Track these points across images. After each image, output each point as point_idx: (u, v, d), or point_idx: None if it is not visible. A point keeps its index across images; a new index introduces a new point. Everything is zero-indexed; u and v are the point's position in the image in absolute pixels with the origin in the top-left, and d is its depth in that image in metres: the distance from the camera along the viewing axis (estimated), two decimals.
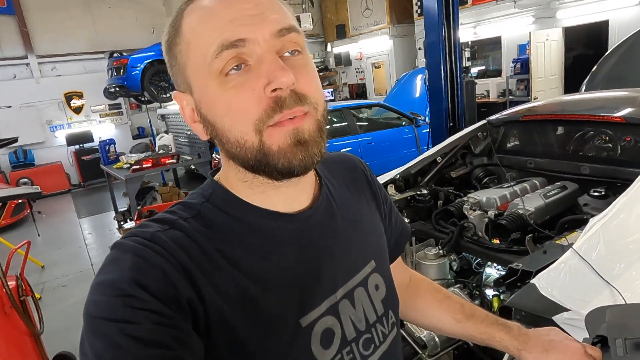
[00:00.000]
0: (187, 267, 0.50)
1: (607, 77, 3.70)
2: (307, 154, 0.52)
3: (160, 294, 0.46)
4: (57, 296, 4.12)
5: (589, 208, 1.87)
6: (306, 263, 0.58)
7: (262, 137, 0.51)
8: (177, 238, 0.52)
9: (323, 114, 0.55)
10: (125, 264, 0.48)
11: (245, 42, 0.50)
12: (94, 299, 0.47)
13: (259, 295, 0.53)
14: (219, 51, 0.50)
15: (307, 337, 0.55)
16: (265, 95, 0.50)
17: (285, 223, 0.58)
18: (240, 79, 0.51)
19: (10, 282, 2.33)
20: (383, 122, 6.40)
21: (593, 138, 2.38)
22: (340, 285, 0.61)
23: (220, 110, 0.52)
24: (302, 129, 0.52)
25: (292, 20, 0.54)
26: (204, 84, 0.52)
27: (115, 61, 7.62)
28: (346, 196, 0.69)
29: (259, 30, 0.51)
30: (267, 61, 0.50)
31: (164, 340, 0.44)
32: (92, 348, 0.44)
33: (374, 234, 0.72)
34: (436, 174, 2.54)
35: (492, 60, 9.30)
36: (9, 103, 9.04)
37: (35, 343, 2.46)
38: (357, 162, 0.78)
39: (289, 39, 0.53)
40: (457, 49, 3.81)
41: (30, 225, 6.27)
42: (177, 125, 5.97)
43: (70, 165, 9.67)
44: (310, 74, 0.54)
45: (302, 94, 0.52)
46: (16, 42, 9.32)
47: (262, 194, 0.57)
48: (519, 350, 0.74)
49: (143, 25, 10.57)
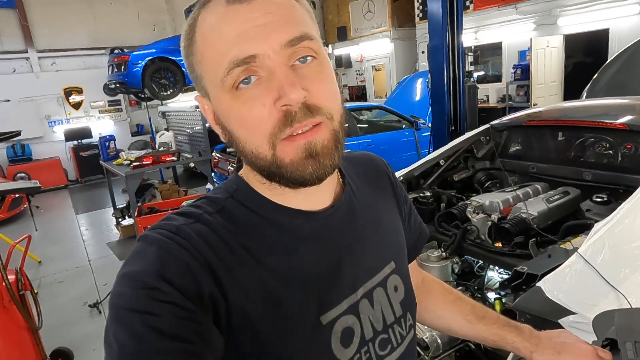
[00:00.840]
0: (211, 262, 0.50)
1: (608, 85, 3.72)
2: (319, 166, 0.52)
3: (184, 288, 0.47)
4: (54, 292, 4.10)
5: (591, 213, 1.88)
6: (327, 261, 0.58)
7: (276, 151, 0.51)
8: (202, 232, 0.52)
9: (340, 121, 0.55)
10: (151, 257, 0.48)
11: (255, 58, 0.49)
12: (119, 290, 0.47)
13: (280, 291, 0.53)
14: (230, 68, 0.49)
15: (327, 335, 0.56)
16: (276, 109, 0.50)
17: (308, 221, 0.59)
18: (252, 93, 0.50)
19: (10, 276, 2.32)
20: (383, 124, 6.40)
21: (594, 144, 2.40)
22: (360, 284, 0.61)
23: (234, 123, 0.53)
24: (315, 142, 0.51)
25: (303, 26, 0.52)
26: (218, 97, 0.53)
27: (117, 57, 7.60)
28: (368, 196, 0.70)
29: (268, 43, 0.49)
30: (278, 75, 0.49)
31: (185, 334, 0.45)
32: (116, 337, 0.44)
33: (394, 235, 0.72)
34: (439, 176, 2.55)
35: (492, 66, 9.33)
36: (8, 97, 9.01)
37: (34, 338, 2.45)
38: (380, 162, 0.78)
39: (302, 46, 0.51)
40: (461, 53, 3.83)
41: (27, 220, 6.24)
42: (177, 123, 5.96)
43: (68, 160, 9.64)
44: (324, 81, 0.53)
45: (314, 105, 0.51)
46: (16, 36, 9.30)
47: (281, 195, 0.58)
48: (530, 352, 0.75)
49: (144, 21, 10.56)
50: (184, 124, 5.69)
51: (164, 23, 10.96)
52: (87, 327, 3.36)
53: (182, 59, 0.59)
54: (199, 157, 5.18)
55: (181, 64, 7.60)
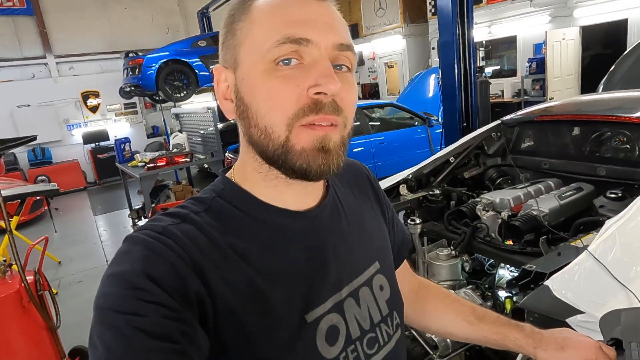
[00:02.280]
0: (197, 261, 0.50)
1: (625, 77, 3.63)
2: (327, 162, 0.53)
3: (169, 288, 0.47)
4: (73, 292, 4.20)
5: (605, 210, 1.84)
6: (312, 260, 0.59)
7: (290, 134, 0.52)
8: (188, 231, 0.52)
9: (349, 133, 0.57)
10: (136, 257, 0.49)
11: (308, 43, 0.52)
12: (105, 290, 0.47)
13: (266, 289, 0.54)
14: (281, 42, 0.51)
15: (312, 333, 0.56)
16: (306, 95, 0.51)
17: (294, 220, 0.60)
18: (289, 72, 0.52)
19: (28, 276, 2.39)
20: (396, 122, 6.36)
21: (610, 139, 2.34)
22: (345, 283, 0.62)
23: (260, 94, 0.53)
24: (330, 138, 0.53)
25: (351, 39, 0.57)
26: (253, 65, 0.53)
27: (131, 61, 7.72)
28: (351, 198, 0.71)
29: (324, 37, 0.53)
30: (321, 65, 0.52)
31: (171, 333, 0.45)
32: (101, 339, 0.45)
33: (378, 236, 0.73)
34: (449, 174, 2.53)
35: (507, 60, 9.18)
36: (28, 102, 9.23)
37: (52, 337, 2.52)
38: (362, 168, 0.79)
39: (345, 55, 0.55)
40: (472, 48, 3.78)
41: (48, 221, 6.40)
42: (190, 125, 6.03)
43: (87, 163, 9.84)
44: (351, 92, 0.56)
45: (340, 106, 0.53)
46: (35, 42, 9.53)
47: (274, 189, 0.58)
48: (534, 349, 0.74)
49: (158, 25, 10.70)
50: (197, 126, 5.75)
51: (177, 26, 11.09)
52: None
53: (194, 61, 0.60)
54: (212, 158, 5.23)
55: (194, 65, 7.69)
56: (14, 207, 3.10)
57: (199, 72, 7.76)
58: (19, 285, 2.32)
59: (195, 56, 7.80)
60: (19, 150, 8.88)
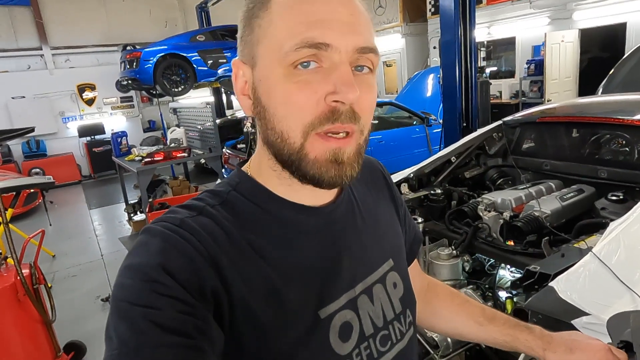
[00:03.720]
0: (213, 255, 0.50)
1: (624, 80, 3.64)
2: (340, 173, 0.53)
3: (185, 282, 0.47)
4: (68, 286, 4.17)
5: (606, 212, 1.84)
6: (327, 256, 0.59)
7: (305, 142, 0.51)
8: (205, 225, 0.52)
9: (366, 138, 0.56)
10: (153, 249, 0.48)
11: (328, 47, 0.50)
12: (121, 282, 0.47)
13: (281, 285, 0.53)
14: (299, 46, 0.49)
15: (325, 329, 0.56)
16: (324, 102, 0.50)
17: (310, 216, 0.59)
18: (308, 77, 0.50)
19: (24, 270, 2.36)
20: (394, 120, 6.36)
21: (610, 141, 2.34)
22: (359, 280, 0.62)
23: (277, 98, 0.52)
24: (343, 151, 0.52)
25: (374, 39, 0.55)
26: (271, 67, 0.52)
27: (128, 54, 7.67)
28: (366, 195, 0.70)
29: (345, 41, 0.50)
30: (340, 71, 0.50)
31: (185, 328, 0.44)
32: (116, 331, 0.44)
33: (392, 234, 0.72)
34: (450, 173, 2.52)
35: (505, 61, 9.21)
36: (23, 93, 9.14)
37: (47, 331, 2.49)
38: (377, 164, 0.79)
39: (367, 57, 0.53)
40: (473, 48, 3.78)
41: (42, 214, 6.34)
42: (188, 119, 5.99)
43: (82, 156, 9.77)
44: (371, 94, 0.55)
45: (357, 114, 0.52)
46: (31, 33, 9.43)
47: (288, 187, 0.58)
48: (543, 350, 0.74)
49: (156, 18, 10.63)
50: (195, 120, 5.72)
51: (176, 20, 11.02)
52: (99, 321, 3.41)
53: (193, 55, 0.58)
54: (210, 153, 5.20)
55: (192, 60, 7.64)
56: (8, 199, 3.06)
57: (197, 67, 7.72)
58: (15, 279, 2.30)
59: (193, 51, 7.75)
60: (13, 143, 8.79)
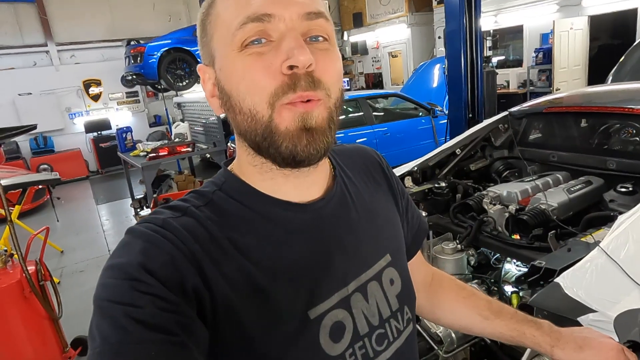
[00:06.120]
0: (195, 254, 0.50)
1: (635, 68, 3.56)
2: (312, 141, 0.51)
3: (166, 280, 0.47)
4: (76, 281, 4.21)
5: (615, 204, 1.80)
6: (317, 254, 0.57)
7: (273, 112, 0.51)
8: (188, 225, 0.52)
9: (336, 103, 0.54)
10: (135, 249, 0.49)
11: (271, 18, 0.50)
12: (103, 282, 0.48)
13: (267, 284, 0.53)
14: (244, 22, 0.50)
15: (315, 329, 0.54)
16: (281, 72, 0.50)
17: (297, 213, 0.58)
18: (260, 49, 0.51)
19: (29, 266, 2.38)
20: (399, 112, 6.30)
21: (619, 131, 2.29)
22: (352, 278, 0.60)
23: (236, 77, 0.52)
24: (311, 115, 0.51)
25: (321, 6, 0.54)
26: (225, 53, 0.53)
27: (133, 49, 7.66)
28: (362, 188, 0.68)
29: (287, 9, 0.51)
30: (289, 39, 0.50)
31: (167, 325, 0.45)
32: (99, 329, 0.44)
33: (390, 228, 0.70)
34: (455, 166, 2.49)
35: (513, 50, 9.06)
36: (30, 90, 9.19)
37: (54, 327, 2.52)
38: (374, 154, 0.76)
39: (317, 24, 0.53)
40: (479, 37, 3.71)
41: (50, 210, 6.40)
42: (193, 114, 5.99)
43: (89, 152, 9.82)
44: (331, 60, 0.54)
45: (317, 78, 0.51)
46: (36, 30, 9.45)
47: (271, 181, 0.57)
48: (551, 347, 0.71)
49: (160, 13, 10.60)
50: (199, 115, 5.71)
51: (179, 13, 10.98)
52: None
53: (197, 49, 0.60)
54: (214, 148, 5.20)
55: (196, 54, 7.60)
56: (15, 196, 3.09)
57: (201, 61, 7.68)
58: (20, 276, 2.31)
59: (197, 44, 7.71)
60: (21, 139, 8.85)
